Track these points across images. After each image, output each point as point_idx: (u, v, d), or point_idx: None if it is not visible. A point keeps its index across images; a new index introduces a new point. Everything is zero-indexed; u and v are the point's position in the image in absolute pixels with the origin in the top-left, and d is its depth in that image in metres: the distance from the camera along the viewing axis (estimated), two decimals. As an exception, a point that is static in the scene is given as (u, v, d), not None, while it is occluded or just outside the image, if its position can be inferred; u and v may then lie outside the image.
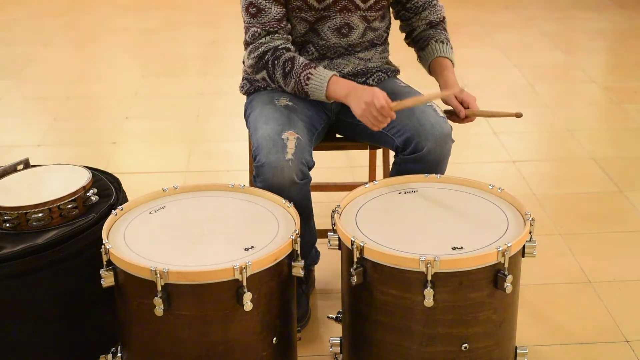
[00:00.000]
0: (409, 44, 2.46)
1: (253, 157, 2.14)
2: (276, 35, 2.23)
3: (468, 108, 2.21)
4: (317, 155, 2.22)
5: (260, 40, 2.23)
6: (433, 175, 2.14)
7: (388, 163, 2.53)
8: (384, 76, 2.40)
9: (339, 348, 2.07)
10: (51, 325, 2.02)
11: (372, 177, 2.75)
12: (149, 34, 5.71)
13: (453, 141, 2.21)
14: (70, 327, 2.05)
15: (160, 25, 5.89)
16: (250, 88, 2.40)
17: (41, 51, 5.30)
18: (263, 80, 2.29)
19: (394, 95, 2.30)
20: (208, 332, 1.80)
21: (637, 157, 3.58)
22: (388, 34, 2.44)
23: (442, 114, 2.22)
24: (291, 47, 2.24)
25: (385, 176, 2.54)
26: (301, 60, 2.20)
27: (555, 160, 3.64)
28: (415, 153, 2.18)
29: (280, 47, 2.22)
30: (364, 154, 2.80)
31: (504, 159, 3.56)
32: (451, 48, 2.39)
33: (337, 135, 2.52)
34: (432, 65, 2.36)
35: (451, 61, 2.35)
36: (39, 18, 6.12)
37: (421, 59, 2.42)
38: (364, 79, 2.37)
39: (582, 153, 3.61)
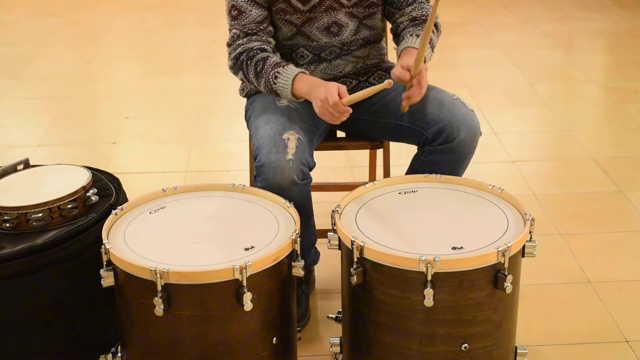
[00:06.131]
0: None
1: (253, 157, 2.14)
2: (254, 37, 2.23)
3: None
4: (317, 155, 2.22)
5: (238, 42, 2.23)
6: (433, 175, 2.14)
7: (388, 163, 2.52)
8: (384, 74, 2.39)
9: (339, 348, 2.07)
10: (51, 325, 2.02)
11: (372, 177, 2.75)
12: (149, 34, 5.71)
13: (481, 134, 2.23)
14: (70, 327, 2.05)
15: (160, 25, 5.89)
16: (251, 90, 2.40)
17: (41, 51, 5.29)
18: (242, 81, 2.29)
19: (436, 100, 2.22)
20: (208, 332, 1.79)
21: (637, 157, 3.58)
22: (384, 33, 2.43)
23: (470, 107, 2.24)
24: (268, 48, 2.23)
25: (385, 176, 2.54)
26: (273, 59, 2.19)
27: (555, 160, 3.64)
28: (446, 143, 2.19)
29: (255, 48, 2.21)
30: (364, 154, 2.80)
31: (504, 159, 3.55)
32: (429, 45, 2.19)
33: (338, 135, 2.52)
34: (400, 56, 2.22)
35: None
36: (39, 18, 6.12)
37: (397, 54, 2.27)
38: (365, 77, 2.37)
39: (582, 153, 3.61)
